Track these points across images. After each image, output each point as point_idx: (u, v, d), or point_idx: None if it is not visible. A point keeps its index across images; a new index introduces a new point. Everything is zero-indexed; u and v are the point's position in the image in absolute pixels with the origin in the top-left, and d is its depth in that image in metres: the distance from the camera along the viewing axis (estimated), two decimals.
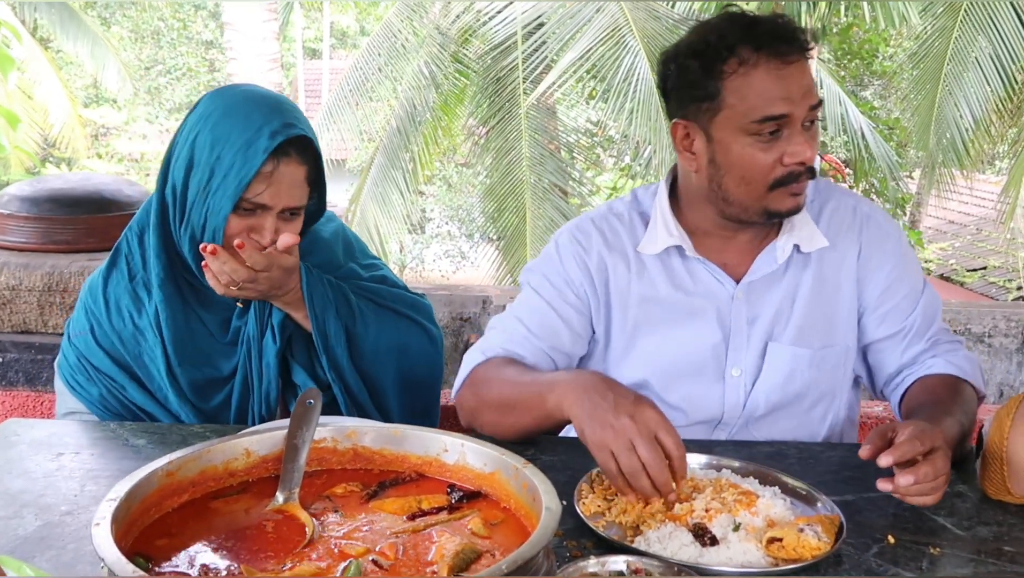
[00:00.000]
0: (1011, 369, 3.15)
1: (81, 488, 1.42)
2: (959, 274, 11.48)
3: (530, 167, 8.25)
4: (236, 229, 1.65)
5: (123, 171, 16.40)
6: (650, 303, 1.77)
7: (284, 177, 1.65)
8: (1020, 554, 1.29)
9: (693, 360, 1.76)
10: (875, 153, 9.24)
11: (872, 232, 1.79)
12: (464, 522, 1.11)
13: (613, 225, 1.82)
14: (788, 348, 1.74)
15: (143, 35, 17.69)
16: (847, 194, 1.86)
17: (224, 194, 1.62)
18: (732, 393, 1.76)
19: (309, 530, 1.08)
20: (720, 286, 1.75)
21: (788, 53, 1.58)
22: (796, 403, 1.77)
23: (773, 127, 1.59)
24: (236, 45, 8.99)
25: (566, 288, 1.78)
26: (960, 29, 7.71)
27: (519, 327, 1.76)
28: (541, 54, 7.89)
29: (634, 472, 1.29)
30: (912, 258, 1.83)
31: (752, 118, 1.59)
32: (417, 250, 15.54)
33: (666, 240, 1.75)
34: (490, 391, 1.64)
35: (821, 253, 1.76)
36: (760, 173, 1.62)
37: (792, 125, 1.59)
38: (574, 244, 1.80)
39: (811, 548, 1.22)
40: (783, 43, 1.58)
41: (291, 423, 1.23)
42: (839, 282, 1.77)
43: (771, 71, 1.58)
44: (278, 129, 1.63)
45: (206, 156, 1.63)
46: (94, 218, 2.87)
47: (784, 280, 1.76)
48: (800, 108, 1.59)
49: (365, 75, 9.21)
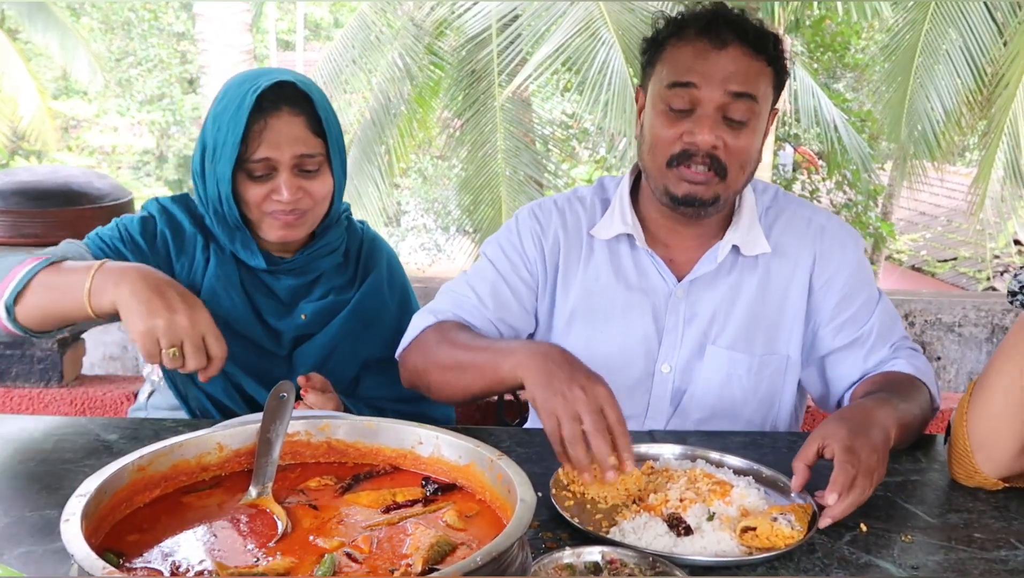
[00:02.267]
0: (980, 358, 3.19)
1: (51, 483, 1.40)
2: (930, 265, 11.61)
3: (505, 159, 8.24)
4: (257, 196, 1.74)
5: (94, 164, 16.24)
6: (590, 292, 1.80)
7: (280, 129, 1.71)
8: (989, 540, 1.30)
9: (624, 351, 1.78)
10: (848, 145, 9.32)
11: (827, 243, 1.79)
12: (439, 515, 1.11)
13: (574, 208, 1.86)
14: (726, 352, 1.76)
15: (113, 26, 17.45)
16: (805, 205, 1.87)
17: (224, 157, 1.71)
18: (659, 388, 1.78)
19: (282, 524, 1.07)
20: (662, 281, 1.78)
21: (723, 39, 1.62)
22: (733, 411, 1.78)
23: (684, 99, 1.63)
24: (208, 37, 8.91)
25: (520, 262, 1.82)
26: (931, 22, 7.77)
27: (471, 294, 1.78)
28: (516, 47, 7.88)
29: (573, 440, 1.30)
30: (868, 269, 1.84)
31: (665, 82, 1.66)
32: (392, 243, 15.32)
33: (619, 227, 1.78)
34: (440, 352, 1.65)
35: (769, 260, 1.77)
36: (661, 144, 1.67)
37: (704, 105, 1.62)
38: (533, 220, 1.85)
39: (784, 537, 1.23)
40: (725, 30, 1.63)
41: (264, 417, 1.22)
42: (786, 291, 1.77)
43: (699, 49, 1.64)
44: (258, 86, 1.70)
45: (211, 131, 1.74)
46: (63, 211, 2.83)
47: (726, 282, 1.77)
48: (714, 88, 1.61)
49: (339, 67, 9.14)
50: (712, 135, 1.62)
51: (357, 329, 1.90)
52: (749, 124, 1.64)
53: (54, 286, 1.58)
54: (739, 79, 1.62)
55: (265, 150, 1.70)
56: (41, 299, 1.58)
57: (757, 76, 1.64)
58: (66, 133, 16.50)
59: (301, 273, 1.88)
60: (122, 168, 17.36)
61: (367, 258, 1.98)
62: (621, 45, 7.05)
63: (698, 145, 1.63)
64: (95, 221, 2.80)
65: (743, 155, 1.66)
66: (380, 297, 1.95)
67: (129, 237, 1.82)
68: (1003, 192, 8.07)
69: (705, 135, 1.62)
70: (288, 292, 1.88)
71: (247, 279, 1.86)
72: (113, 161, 17.29)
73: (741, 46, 1.63)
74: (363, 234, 2.02)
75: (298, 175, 1.74)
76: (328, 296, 1.89)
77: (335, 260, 1.92)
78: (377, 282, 1.95)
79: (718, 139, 1.62)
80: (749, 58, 1.63)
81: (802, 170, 11.48)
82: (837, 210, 11.00)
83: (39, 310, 1.58)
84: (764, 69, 1.65)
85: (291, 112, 1.72)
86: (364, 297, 1.92)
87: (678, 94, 1.64)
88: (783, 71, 1.71)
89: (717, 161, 1.64)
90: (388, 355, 1.88)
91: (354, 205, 8.82)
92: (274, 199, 1.74)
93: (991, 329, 3.17)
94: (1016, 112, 7.47)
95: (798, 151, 11.48)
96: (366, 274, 1.96)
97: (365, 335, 1.92)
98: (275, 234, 1.79)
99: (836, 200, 11.14)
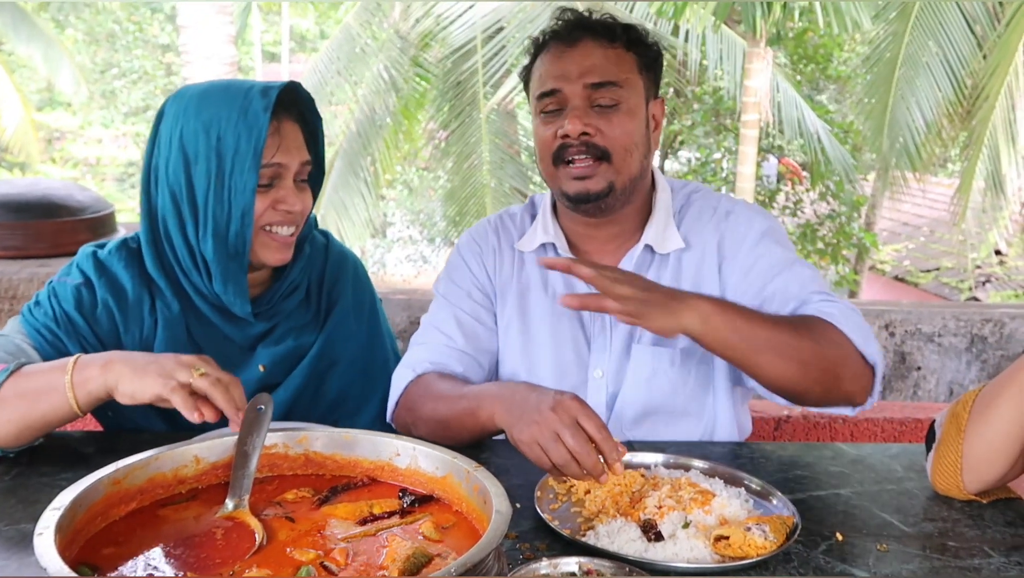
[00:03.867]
0: (960, 368, 3.22)
1: (27, 497, 1.40)
2: (913, 275, 11.68)
3: (491, 171, 8.26)
4: (261, 208, 1.60)
5: (78, 176, 16.17)
6: (523, 303, 1.83)
7: (288, 134, 1.62)
8: (964, 549, 1.31)
9: (558, 360, 1.80)
10: (831, 156, 9.39)
11: (731, 223, 1.79)
12: (416, 526, 1.11)
13: (506, 224, 1.92)
14: (649, 348, 1.77)
15: (98, 38, 17.42)
16: (712, 196, 1.87)
17: (242, 169, 1.56)
18: (595, 394, 1.78)
19: (259, 536, 1.07)
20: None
21: (573, 38, 1.70)
22: (665, 406, 1.78)
23: (552, 104, 1.71)
24: (193, 48, 8.90)
25: (472, 287, 1.86)
26: (911, 35, 7.85)
27: (439, 337, 1.80)
28: (501, 58, 7.91)
29: (563, 461, 1.29)
30: (775, 240, 1.77)
31: (535, 95, 1.74)
32: (378, 254, 15.48)
33: (541, 237, 1.83)
34: (424, 410, 1.65)
35: (679, 254, 1.79)
36: (544, 147, 1.73)
37: (570, 101, 1.69)
38: (472, 244, 1.90)
39: (757, 547, 1.24)
40: (574, 29, 1.71)
41: (241, 429, 1.22)
42: (699, 280, 1.77)
43: (553, 54, 1.72)
44: (265, 87, 1.59)
45: (204, 145, 1.56)
46: (43, 223, 2.83)
47: None
48: (573, 85, 1.68)
49: (324, 79, 9.16)
50: (579, 122, 1.67)
51: (322, 371, 1.78)
52: (620, 107, 1.69)
53: (25, 394, 1.45)
54: (596, 71, 1.68)
55: (280, 155, 1.59)
56: (14, 412, 1.45)
57: (615, 62, 1.70)
58: (50, 145, 16.44)
59: (265, 317, 1.74)
60: (106, 180, 17.30)
61: (331, 286, 1.84)
62: None
63: (569, 133, 1.67)
64: (75, 233, 2.81)
65: (624, 138, 1.69)
66: (346, 330, 1.82)
67: (64, 316, 1.64)
68: (984, 203, 8.15)
69: (572, 124, 1.67)
70: (248, 340, 1.73)
71: (197, 332, 1.70)
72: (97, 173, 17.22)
73: (592, 39, 1.70)
74: (328, 253, 1.87)
75: (297, 186, 1.65)
76: (288, 339, 1.75)
77: (299, 297, 1.79)
78: (342, 315, 1.82)
79: (587, 125, 1.67)
80: (602, 48, 1.70)
81: (786, 181, 11.53)
82: (820, 220, 11.06)
83: (14, 425, 1.46)
84: (623, 55, 1.71)
85: (291, 119, 1.64)
86: (329, 338, 1.79)
87: (546, 102, 1.71)
88: (649, 53, 1.75)
89: (595, 147, 1.68)
90: (358, 389, 1.82)
91: (340, 217, 8.84)
92: (279, 209, 1.62)
93: (970, 339, 3.19)
94: (996, 124, 7.55)
95: (782, 162, 11.54)
96: (330, 307, 1.82)
97: (331, 375, 1.80)
98: (275, 255, 1.66)
99: (820, 211, 11.20)
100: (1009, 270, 11.18)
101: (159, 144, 1.61)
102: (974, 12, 7.65)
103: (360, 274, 1.91)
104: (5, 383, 1.45)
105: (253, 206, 1.58)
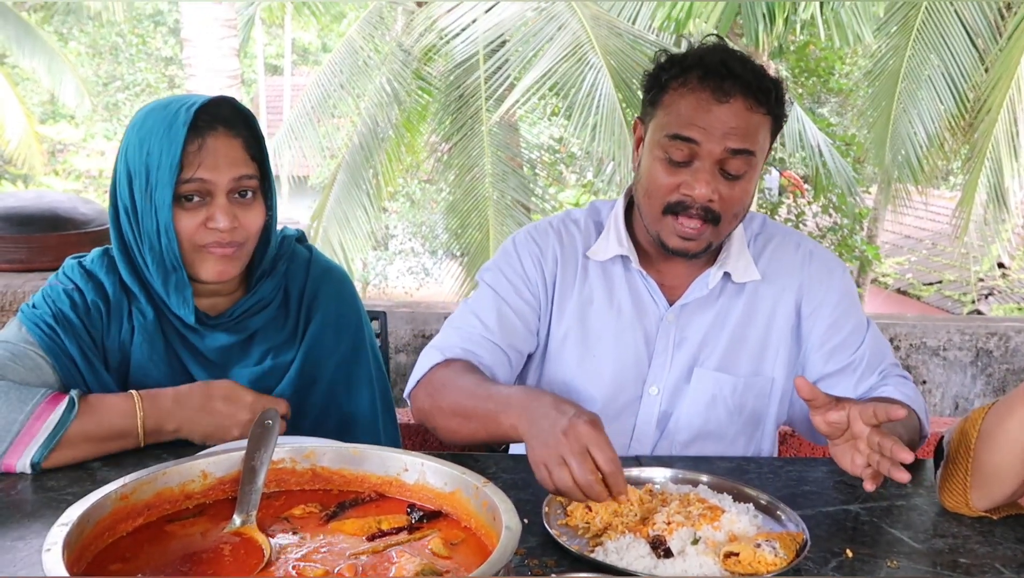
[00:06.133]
0: (965, 381, 3.21)
1: (33, 512, 1.39)
2: (915, 288, 11.67)
3: (493, 183, 8.26)
4: (189, 227, 1.59)
5: (81, 188, 16.18)
6: (585, 314, 1.81)
7: (217, 150, 1.59)
8: (975, 566, 1.31)
9: (616, 375, 1.79)
10: (832, 169, 9.39)
11: (815, 268, 1.81)
12: (424, 542, 1.11)
13: (570, 229, 1.87)
14: (712, 373, 1.77)
15: (101, 51, 17.48)
16: (792, 233, 1.89)
17: (161, 182, 1.56)
18: (647, 409, 1.79)
19: (266, 553, 1.06)
20: (654, 305, 1.80)
21: (726, 92, 1.61)
22: (719, 431, 1.79)
23: (684, 152, 1.63)
24: (196, 61, 8.91)
25: (522, 284, 1.82)
26: (913, 48, 7.86)
27: (476, 324, 1.77)
28: (504, 72, 7.92)
29: (566, 488, 1.28)
30: (855, 296, 1.85)
31: (666, 132, 1.65)
32: (380, 267, 15.47)
33: (615, 249, 1.80)
34: (447, 398, 1.63)
35: (756, 285, 1.79)
36: (658, 191, 1.68)
37: (703, 159, 1.63)
38: (531, 243, 1.85)
39: (767, 564, 1.23)
40: (728, 81, 1.61)
41: (248, 444, 1.21)
42: (773, 314, 1.79)
43: (701, 100, 1.62)
44: (193, 102, 1.59)
45: (138, 160, 1.59)
46: (48, 236, 2.83)
47: (715, 307, 1.79)
48: (714, 144, 1.61)
49: (327, 91, 9.17)
50: (709, 188, 1.63)
51: (303, 389, 1.76)
52: (746, 176, 1.66)
53: (91, 436, 1.55)
54: (739, 135, 1.62)
55: (202, 171, 1.57)
56: (80, 452, 1.55)
57: (756, 129, 1.65)
58: (53, 157, 16.45)
59: (233, 331, 1.73)
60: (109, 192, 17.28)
61: (311, 301, 1.80)
62: (609, 69, 7.09)
63: (695, 199, 1.64)
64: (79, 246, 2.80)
65: (737, 205, 1.68)
66: (325, 346, 1.79)
67: (61, 315, 1.66)
68: (987, 216, 8.14)
69: (702, 188, 1.63)
70: (219, 353, 1.73)
71: (175, 341, 1.71)
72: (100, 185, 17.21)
73: (744, 99, 1.62)
74: (309, 268, 1.83)
75: (233, 202, 1.61)
76: (265, 360, 1.75)
77: (269, 315, 1.77)
78: (320, 330, 1.79)
79: (714, 192, 1.64)
80: (750, 112, 1.63)
81: (788, 194, 11.55)
82: (823, 233, 11.07)
83: (74, 460, 1.55)
84: (764, 120, 1.66)
85: (228, 132, 1.61)
86: (307, 355, 1.77)
87: (678, 147, 1.64)
88: (782, 117, 1.71)
89: (711, 212, 1.66)
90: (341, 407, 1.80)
91: (342, 229, 8.83)
92: (209, 227, 1.60)
93: (975, 353, 3.19)
94: (998, 137, 7.54)
95: (783, 175, 11.55)
96: (308, 323, 1.79)
97: (311, 393, 1.78)
98: (212, 270, 1.63)
99: (822, 223, 11.21)
100: (1012, 283, 11.18)
101: (117, 157, 1.66)
102: (976, 25, 7.66)
103: (345, 290, 1.87)
104: (72, 424, 1.53)
105: (172, 222, 1.58)
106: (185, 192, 1.58)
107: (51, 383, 1.62)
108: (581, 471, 1.26)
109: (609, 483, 1.27)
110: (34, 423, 1.50)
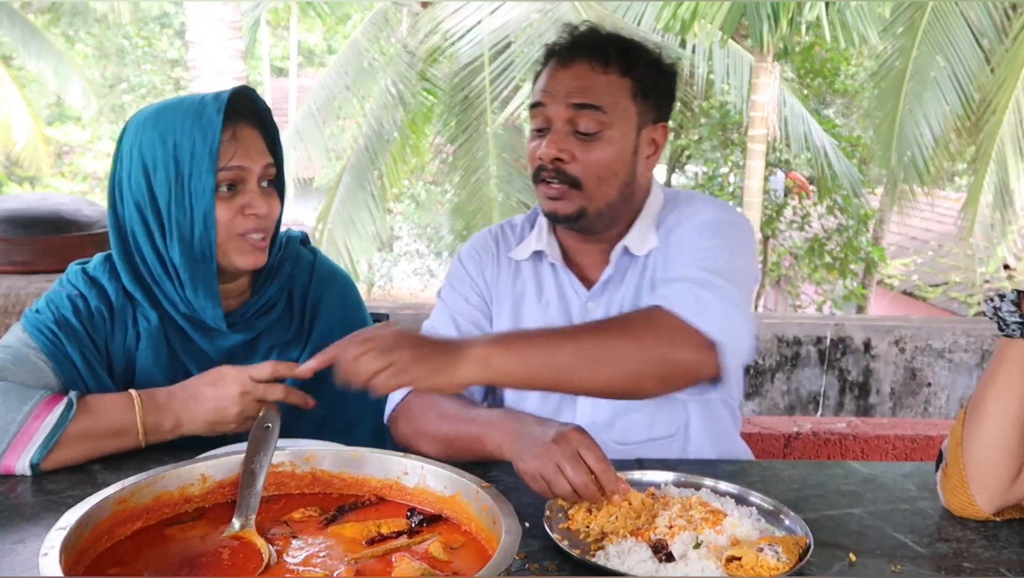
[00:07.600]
0: (971, 384, 3.20)
1: (33, 515, 1.39)
2: (921, 290, 11.64)
3: (498, 185, 8.27)
4: (229, 215, 1.61)
5: (87, 190, 16.23)
6: (518, 312, 1.83)
7: (247, 139, 1.62)
8: (979, 570, 1.30)
9: None
10: (838, 170, 9.37)
11: (680, 213, 1.76)
12: (424, 546, 1.10)
13: (506, 233, 1.92)
14: None
15: (107, 53, 17.53)
16: (695, 198, 1.83)
17: (200, 171, 1.57)
18: (584, 400, 1.76)
19: (265, 557, 1.06)
20: (574, 294, 1.80)
21: (571, 58, 1.69)
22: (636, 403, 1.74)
23: (539, 119, 1.70)
24: (201, 63, 8.93)
25: (470, 291, 1.86)
26: (919, 49, 7.85)
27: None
28: (509, 74, 7.93)
29: (565, 493, 1.32)
30: (716, 233, 1.69)
31: (528, 106, 1.76)
32: (385, 268, 15.49)
33: (533, 246, 1.83)
34: (428, 425, 1.63)
35: (653, 254, 1.76)
36: (530, 162, 1.74)
37: (553, 121, 1.68)
38: (473, 253, 1.90)
39: (769, 568, 1.22)
40: (571, 49, 1.70)
41: (248, 447, 1.21)
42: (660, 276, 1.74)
43: (549, 70, 1.72)
44: (217, 93, 1.61)
45: (161, 153, 1.59)
46: (52, 238, 2.83)
47: (623, 286, 1.77)
48: (557, 105, 1.67)
49: (332, 93, 9.19)
50: (553, 148, 1.66)
51: (308, 389, 1.71)
52: (601, 135, 1.66)
53: (91, 434, 1.54)
54: (581, 92, 1.66)
55: (237, 159, 1.60)
56: (79, 452, 1.54)
57: (605, 88, 1.67)
58: (59, 159, 16.51)
59: (241, 331, 1.74)
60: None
61: (316, 302, 1.82)
62: None
63: (542, 158, 1.68)
64: (84, 249, 2.80)
65: (599, 167, 1.67)
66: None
67: (64, 320, 1.67)
68: (992, 217, 8.13)
69: (548, 148, 1.67)
70: (224, 354, 1.72)
71: (178, 345, 1.71)
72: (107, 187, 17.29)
73: (588, 62, 1.68)
74: (314, 270, 1.84)
75: (261, 191, 1.65)
76: (271, 357, 1.75)
77: (274, 316, 1.78)
78: (326, 332, 1.78)
79: (562, 152, 1.66)
80: (594, 72, 1.67)
81: (793, 195, 11.52)
82: (828, 235, 11.04)
83: (74, 461, 1.54)
84: (615, 80, 1.68)
85: (249, 124, 1.65)
86: (313, 354, 1.66)
87: (534, 115, 1.72)
88: (650, 79, 1.71)
89: (564, 173, 1.67)
90: (347, 408, 1.78)
91: (347, 231, 8.85)
92: (247, 214, 1.62)
93: (981, 355, 3.17)
94: (1004, 138, 7.53)
95: (789, 176, 11.52)
96: (313, 321, 1.80)
97: (317, 393, 1.73)
98: (248, 259, 1.65)
99: (827, 225, 11.18)
100: (1018, 285, 11.12)
101: (121, 159, 1.65)
102: (981, 26, 7.65)
103: (350, 294, 1.88)
104: (71, 424, 1.51)
105: (214, 208, 1.59)
106: (222, 180, 1.59)
107: (52, 386, 1.62)
108: (576, 473, 1.30)
109: (601, 481, 1.31)
110: (32, 423, 1.50)
